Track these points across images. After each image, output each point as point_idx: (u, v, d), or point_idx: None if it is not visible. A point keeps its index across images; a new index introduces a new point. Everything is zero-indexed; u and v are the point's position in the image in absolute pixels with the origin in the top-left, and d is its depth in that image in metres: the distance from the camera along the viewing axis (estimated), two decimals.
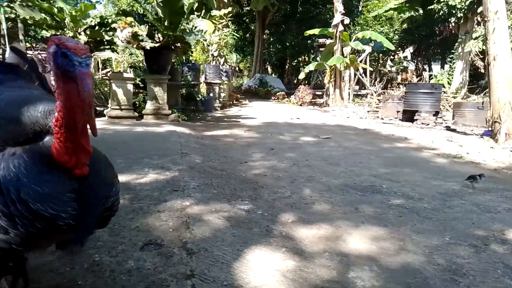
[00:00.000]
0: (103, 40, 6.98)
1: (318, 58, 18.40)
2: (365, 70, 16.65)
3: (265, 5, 20.83)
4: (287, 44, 25.60)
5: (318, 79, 19.83)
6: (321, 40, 18.75)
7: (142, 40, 6.82)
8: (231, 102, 14.52)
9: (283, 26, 25.70)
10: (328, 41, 16.44)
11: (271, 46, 28.43)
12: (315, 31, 15.40)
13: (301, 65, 27.73)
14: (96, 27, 6.92)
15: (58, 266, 1.65)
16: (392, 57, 23.50)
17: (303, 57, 28.70)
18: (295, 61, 29.30)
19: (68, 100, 0.91)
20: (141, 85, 8.40)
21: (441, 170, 4.30)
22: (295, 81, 26.12)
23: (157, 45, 6.93)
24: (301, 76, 16.14)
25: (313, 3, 24.56)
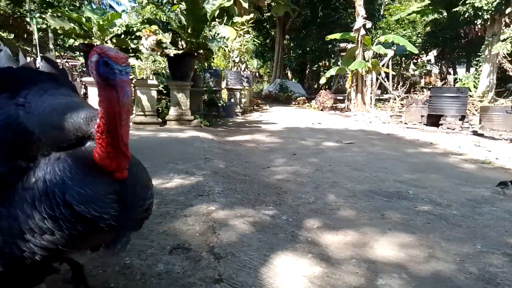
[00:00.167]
0: (129, 48, 7.16)
1: (339, 63, 18.27)
2: (387, 74, 16.43)
3: (286, 11, 20.89)
4: (307, 49, 25.56)
5: (339, 84, 19.69)
6: (342, 45, 18.63)
7: (166, 48, 6.96)
8: (252, 108, 14.58)
9: (303, 31, 25.74)
10: (349, 46, 16.32)
11: (291, 52, 28.50)
12: (336, 35, 15.35)
13: (321, 70, 27.63)
14: (122, 36, 7.11)
15: (91, 269, 1.70)
16: (415, 60, 23.11)
17: (323, 62, 28.59)
18: (316, 66, 29.23)
19: (109, 107, 0.95)
20: (164, 91, 8.57)
21: (469, 176, 4.18)
22: (315, 86, 26.02)
23: (180, 52, 7.06)
24: (322, 81, 16.06)
25: (334, 8, 24.51)
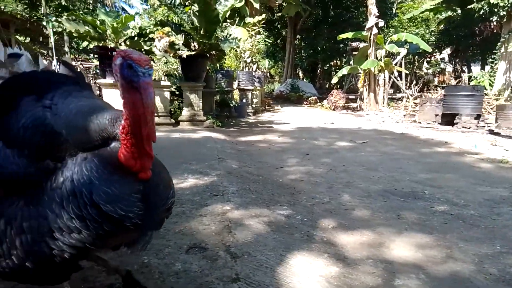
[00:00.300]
0: (142, 50, 7.23)
1: (351, 62, 18.16)
2: (400, 73, 16.24)
3: (297, 11, 20.84)
4: (318, 48, 25.49)
5: (351, 83, 19.54)
6: (354, 44, 18.52)
7: (179, 49, 7.02)
8: (263, 108, 14.59)
9: (314, 31, 25.64)
10: (361, 45, 16.20)
11: (302, 51, 28.42)
12: (348, 35, 15.24)
13: (332, 69, 27.52)
14: (136, 38, 7.20)
15: None
16: (428, 59, 22.78)
17: (335, 62, 28.45)
18: (327, 65, 29.11)
19: (133, 108, 0.97)
20: (176, 92, 8.64)
21: (486, 175, 4.11)
22: (326, 85, 25.91)
23: (193, 53, 7.11)
24: (334, 80, 15.97)
25: (345, 7, 24.37)
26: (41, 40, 13.19)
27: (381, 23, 14.02)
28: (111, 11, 8.26)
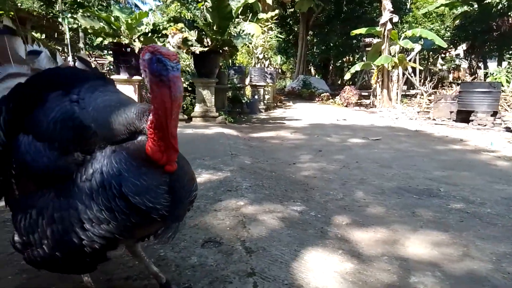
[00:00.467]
0: None
1: (364, 58, 17.97)
2: (414, 69, 16.01)
3: (310, 6, 20.69)
4: (331, 44, 25.29)
5: (364, 79, 19.35)
6: (367, 40, 18.26)
7: (192, 45, 7.05)
8: (275, 104, 14.57)
9: (327, 26, 25.44)
10: (374, 40, 15.99)
11: (314, 47, 28.23)
12: (361, 30, 15.07)
13: (345, 65, 27.25)
14: (149, 34, 7.24)
15: (128, 260, 1.76)
16: (443, 55, 22.39)
17: (347, 58, 28.18)
18: (339, 61, 28.85)
19: (162, 102, 0.99)
20: (189, 88, 8.69)
21: (503, 173, 4.04)
22: (339, 82, 25.73)
23: (206, 49, 7.13)
24: (347, 76, 15.83)
25: (358, 3, 24.08)
26: (56, 36, 13.38)
27: (395, 18, 13.81)
28: (125, 7, 8.30)
